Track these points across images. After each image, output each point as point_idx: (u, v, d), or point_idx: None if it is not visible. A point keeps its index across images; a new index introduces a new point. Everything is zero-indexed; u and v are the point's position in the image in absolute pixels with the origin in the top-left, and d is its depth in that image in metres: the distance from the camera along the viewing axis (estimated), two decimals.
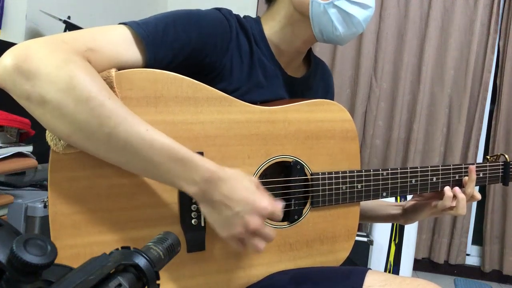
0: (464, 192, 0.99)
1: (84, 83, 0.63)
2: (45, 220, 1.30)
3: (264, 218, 0.72)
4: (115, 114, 0.64)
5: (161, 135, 0.67)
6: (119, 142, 0.65)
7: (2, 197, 1.20)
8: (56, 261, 0.36)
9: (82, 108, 0.63)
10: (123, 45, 0.73)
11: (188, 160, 0.68)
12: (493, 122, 2.77)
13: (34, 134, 1.30)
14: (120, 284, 0.37)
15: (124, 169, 0.70)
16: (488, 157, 1.10)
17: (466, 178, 1.00)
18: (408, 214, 1.07)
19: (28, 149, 1.27)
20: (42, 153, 1.08)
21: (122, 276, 0.38)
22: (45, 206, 1.30)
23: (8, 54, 0.64)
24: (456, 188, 0.99)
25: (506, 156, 1.08)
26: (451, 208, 0.98)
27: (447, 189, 0.98)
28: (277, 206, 0.73)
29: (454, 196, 0.98)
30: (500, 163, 1.07)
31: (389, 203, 1.13)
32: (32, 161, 1.26)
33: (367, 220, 1.15)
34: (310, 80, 1.03)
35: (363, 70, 2.77)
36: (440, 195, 1.00)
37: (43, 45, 0.65)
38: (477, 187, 1.03)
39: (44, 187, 1.46)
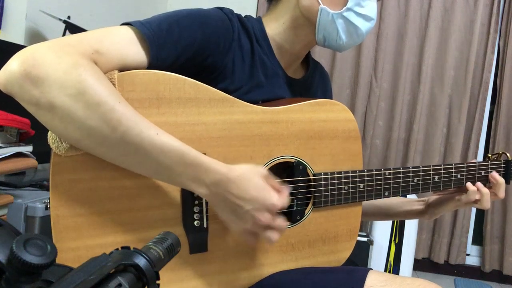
0: (496, 195, 1.03)
1: (93, 88, 0.63)
2: (45, 220, 1.30)
3: (274, 213, 0.73)
4: (125, 119, 0.64)
5: (171, 138, 0.68)
6: (130, 147, 0.65)
7: (2, 197, 1.20)
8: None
9: (92, 113, 0.63)
10: (128, 46, 0.72)
11: (198, 164, 0.69)
12: (493, 122, 2.76)
13: (34, 134, 1.29)
14: (120, 284, 0.37)
15: (133, 171, 0.70)
16: (490, 155, 1.10)
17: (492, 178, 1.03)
18: (431, 209, 1.08)
19: (28, 149, 1.26)
20: (42, 153, 1.08)
21: (122, 276, 0.38)
22: (47, 208, 1.30)
23: (15, 59, 0.63)
24: (479, 183, 1.01)
25: (508, 154, 1.08)
26: (476, 201, 1.00)
27: (469, 184, 1.01)
28: (284, 200, 0.74)
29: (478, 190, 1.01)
30: (502, 162, 1.07)
31: (411, 200, 1.13)
32: (32, 161, 1.26)
33: (387, 218, 1.17)
34: (309, 81, 1.03)
35: (363, 70, 2.77)
36: (462, 189, 1.03)
37: (50, 49, 0.64)
38: None
39: (44, 187, 1.45)
